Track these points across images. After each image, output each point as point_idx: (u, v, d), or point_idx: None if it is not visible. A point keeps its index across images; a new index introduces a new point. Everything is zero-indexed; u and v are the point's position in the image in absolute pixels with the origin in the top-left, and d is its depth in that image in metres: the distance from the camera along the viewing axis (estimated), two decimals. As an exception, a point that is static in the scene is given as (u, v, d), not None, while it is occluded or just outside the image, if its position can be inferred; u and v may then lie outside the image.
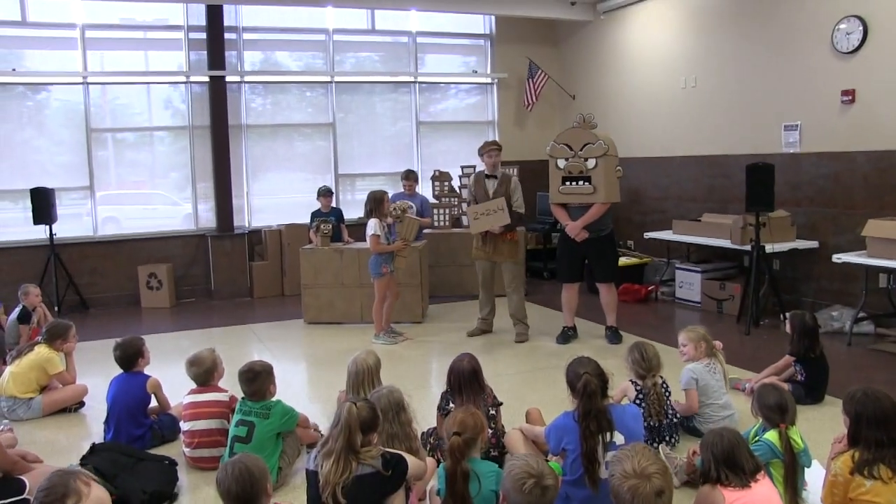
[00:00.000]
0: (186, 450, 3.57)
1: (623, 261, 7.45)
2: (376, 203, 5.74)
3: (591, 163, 5.41)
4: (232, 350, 5.65)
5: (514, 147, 8.94)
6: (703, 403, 3.74)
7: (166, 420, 3.91)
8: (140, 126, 8.11)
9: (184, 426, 3.61)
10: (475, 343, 5.82)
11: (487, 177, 5.87)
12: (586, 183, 5.43)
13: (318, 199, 7.37)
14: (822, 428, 3.80)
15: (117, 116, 8.04)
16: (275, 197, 8.74)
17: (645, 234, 7.57)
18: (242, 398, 3.40)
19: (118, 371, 3.94)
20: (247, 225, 8.52)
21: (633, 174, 8.24)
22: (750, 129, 6.92)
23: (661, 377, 3.61)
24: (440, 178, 8.34)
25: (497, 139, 9.36)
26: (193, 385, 3.69)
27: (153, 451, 3.64)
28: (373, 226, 5.71)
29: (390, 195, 6.74)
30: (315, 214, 7.20)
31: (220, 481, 2.32)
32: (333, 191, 7.87)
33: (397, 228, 5.87)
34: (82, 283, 7.79)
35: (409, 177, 7.34)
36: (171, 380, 4.26)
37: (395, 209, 5.89)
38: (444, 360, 4.24)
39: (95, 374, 4.99)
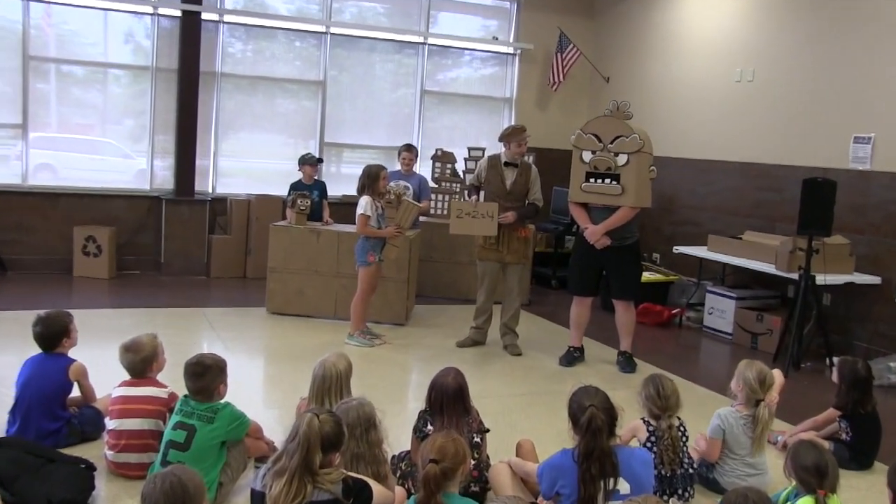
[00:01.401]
0: (109, 452, 3.50)
1: (646, 276, 7.45)
2: (371, 179, 5.73)
3: (621, 159, 5.40)
4: (178, 337, 5.61)
5: (532, 131, 8.86)
6: (726, 454, 3.72)
7: (89, 414, 3.83)
8: (92, 60, 8.04)
9: (109, 424, 3.54)
10: (464, 355, 5.82)
11: (507, 164, 5.87)
12: (614, 182, 5.42)
13: (300, 167, 7.34)
14: (868, 499, 3.77)
15: (64, 45, 7.95)
16: (247, 160, 8.71)
17: (674, 247, 7.58)
18: (185, 396, 3.36)
19: (36, 350, 3.81)
20: (210, 190, 8.49)
21: (668, 177, 8.24)
22: (812, 137, 6.92)
23: (679, 419, 3.58)
24: (442, 158, 8.32)
25: (516, 122, 9.33)
26: (127, 375, 3.64)
27: (68, 452, 3.53)
28: (364, 204, 5.70)
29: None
30: (294, 186, 7.17)
31: (146, 496, 2.28)
32: (321, 160, 7.82)
33: (390, 213, 5.84)
34: (3, 241, 7.73)
35: (411, 150, 7.31)
36: (100, 366, 4.19)
37: (391, 192, 5.87)
38: (427, 372, 4.22)
39: (7, 350, 4.94)
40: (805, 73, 7.02)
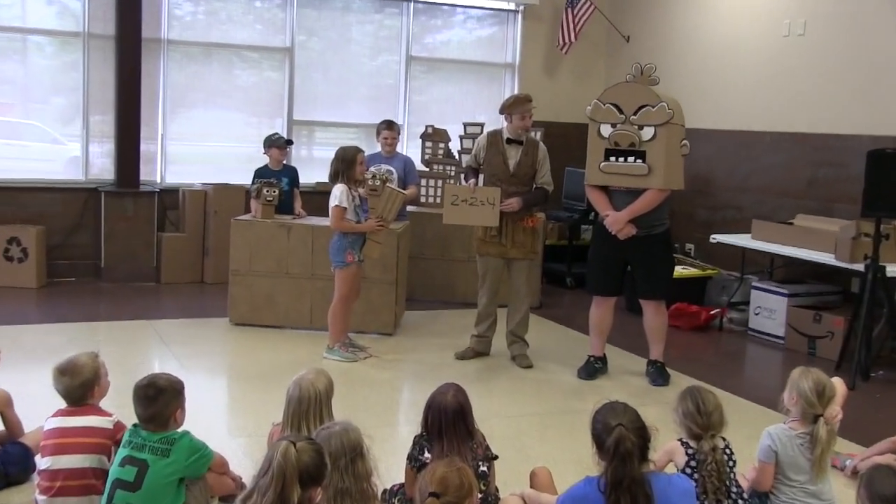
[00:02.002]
0: (41, 497, 3.46)
1: (679, 271, 7.46)
2: (346, 164, 5.74)
3: (647, 132, 5.41)
4: (124, 355, 5.62)
5: (537, 102, 8.78)
6: (781, 481, 3.72)
7: (14, 452, 3.79)
8: (6, 24, 8.00)
9: (41, 463, 3.52)
10: (465, 369, 5.83)
11: (509, 142, 5.88)
12: (639, 160, 5.43)
13: (265, 151, 7.33)
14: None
15: (-31, 7, 7.92)
16: (201, 144, 8.72)
17: (712, 236, 7.60)
18: (134, 426, 3.35)
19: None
20: (158, 180, 8.50)
21: (702, 153, 8.27)
22: (879, 100, 6.93)
23: (724, 439, 3.59)
24: (434, 136, 8.33)
25: (519, 91, 9.34)
26: (63, 403, 3.63)
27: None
28: (338, 194, 5.70)
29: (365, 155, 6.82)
30: (259, 173, 7.18)
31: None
32: (291, 141, 7.82)
33: (371, 202, 5.85)
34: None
35: (392, 127, 7.32)
36: (28, 393, 4.19)
37: (372, 178, 5.88)
38: (422, 390, 4.23)
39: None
40: (868, 24, 7.02)
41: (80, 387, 3.59)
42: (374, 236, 5.87)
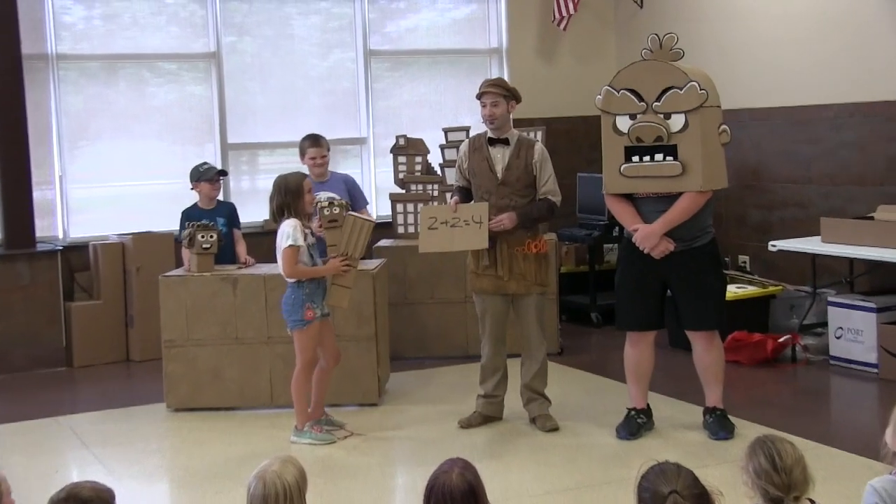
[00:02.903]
0: None
1: (732, 292, 7.49)
2: (292, 195, 5.76)
3: (676, 121, 5.44)
4: (32, 466, 5.56)
5: (534, 94, 8.95)
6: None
7: None
8: None
9: None
10: (473, 439, 5.82)
11: (492, 142, 5.93)
12: (669, 157, 5.46)
13: (193, 186, 7.34)
14: None
15: None
16: (112, 185, 8.71)
17: (770, 243, 7.62)
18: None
19: None
20: (60, 235, 8.49)
21: (748, 138, 8.31)
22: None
23: (813, 501, 3.60)
24: (408, 149, 8.34)
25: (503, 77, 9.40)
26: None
27: None
28: (290, 231, 5.71)
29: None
30: (188, 215, 7.18)
31: None
32: (225, 172, 7.83)
33: (331, 237, 5.86)
34: None
35: (319, 143, 7.26)
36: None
37: (329, 206, 5.90)
38: (420, 473, 4.20)
39: None
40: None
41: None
42: (341, 280, 5.86)
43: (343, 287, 5.88)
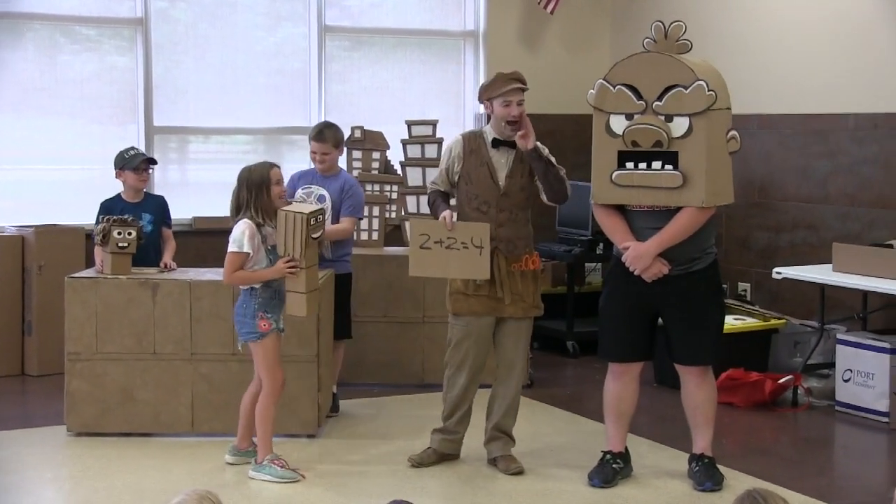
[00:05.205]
0: None
1: (730, 323, 7.50)
2: (254, 190, 5.75)
3: (679, 125, 5.44)
4: None
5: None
6: None
7: None
8: None
9: None
10: (424, 481, 5.82)
11: (497, 144, 5.91)
12: (669, 166, 5.46)
13: (117, 175, 7.27)
14: None
15: None
16: (14, 169, 8.64)
17: (775, 270, 7.62)
18: None
19: None
20: (-53, 226, 8.40)
21: (757, 148, 8.35)
22: None
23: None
24: (365, 143, 8.31)
25: (490, 69, 9.40)
26: None
27: None
28: (237, 235, 5.72)
29: (292, 175, 6.88)
30: (107, 207, 7.11)
31: None
32: (154, 160, 7.75)
33: (277, 237, 5.81)
34: None
35: (323, 138, 7.20)
36: None
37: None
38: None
39: None
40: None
41: None
42: (291, 284, 5.82)
43: (296, 293, 5.84)
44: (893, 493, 3.83)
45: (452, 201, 6.02)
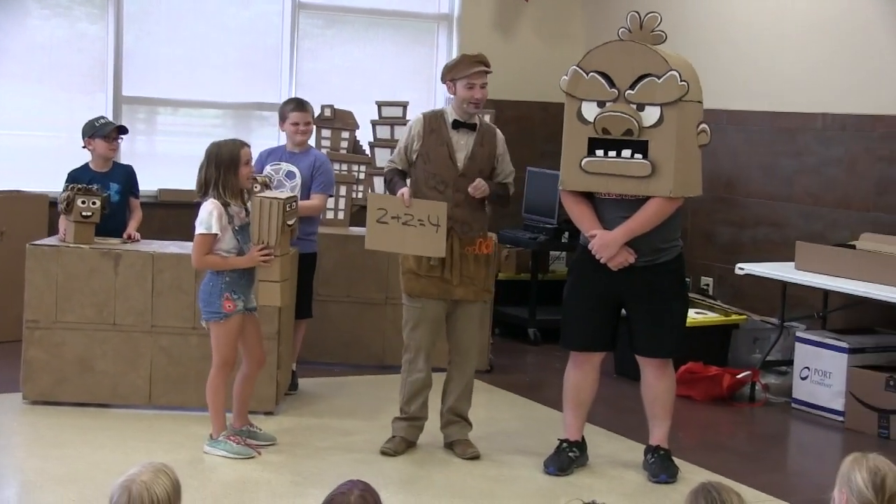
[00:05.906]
0: None
1: (691, 317, 7.49)
2: (223, 168, 5.72)
3: (650, 114, 5.47)
4: None
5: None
6: None
7: None
8: None
9: None
10: (380, 464, 5.83)
11: (457, 126, 5.92)
12: (638, 155, 5.48)
13: (85, 144, 7.24)
14: None
15: None
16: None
17: (738, 266, 7.67)
18: None
19: None
20: None
21: (725, 144, 8.37)
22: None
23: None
24: (335, 122, 8.31)
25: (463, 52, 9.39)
26: None
27: None
28: (204, 216, 5.70)
29: (260, 153, 6.85)
30: (74, 176, 7.08)
31: None
32: (124, 129, 7.70)
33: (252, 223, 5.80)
34: None
35: (304, 108, 7.20)
36: None
37: (256, 184, 5.95)
38: (314, 495, 4.19)
39: None
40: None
41: None
42: (264, 273, 5.82)
43: (269, 282, 5.84)
44: (832, 494, 3.87)
45: (408, 181, 6.02)
